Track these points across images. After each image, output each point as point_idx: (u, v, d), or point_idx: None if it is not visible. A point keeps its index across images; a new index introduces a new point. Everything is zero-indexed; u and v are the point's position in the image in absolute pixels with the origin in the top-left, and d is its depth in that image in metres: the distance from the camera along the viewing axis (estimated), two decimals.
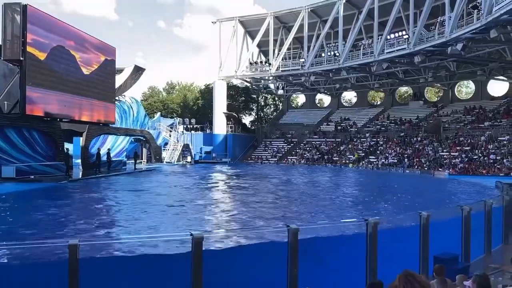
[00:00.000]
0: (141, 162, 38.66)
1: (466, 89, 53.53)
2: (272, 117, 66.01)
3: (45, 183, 20.91)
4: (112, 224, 11.68)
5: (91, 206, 14.85)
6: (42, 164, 22.87)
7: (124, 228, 11.00)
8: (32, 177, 21.44)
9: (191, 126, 50.82)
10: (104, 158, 28.17)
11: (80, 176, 25.06)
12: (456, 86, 49.67)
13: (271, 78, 51.26)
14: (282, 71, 48.16)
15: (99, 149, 27.89)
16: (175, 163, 41.43)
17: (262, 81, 54.73)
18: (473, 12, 28.09)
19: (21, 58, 21.35)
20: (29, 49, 21.64)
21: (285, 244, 5.08)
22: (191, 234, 4.51)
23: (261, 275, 5.52)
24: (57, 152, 24.22)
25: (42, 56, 22.80)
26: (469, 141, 36.27)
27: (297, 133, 52.28)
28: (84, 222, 11.40)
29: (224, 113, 50.71)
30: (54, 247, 4.83)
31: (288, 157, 47.64)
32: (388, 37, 37.02)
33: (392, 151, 40.78)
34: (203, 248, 4.52)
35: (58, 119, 25.08)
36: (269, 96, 67.19)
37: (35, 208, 13.57)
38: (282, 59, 48.25)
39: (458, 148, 35.77)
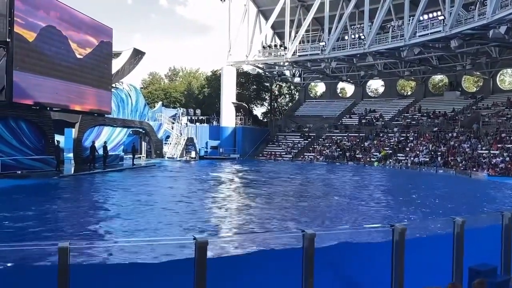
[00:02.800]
0: (140, 157, 38.95)
1: (509, 78, 52.91)
2: (287, 108, 65.96)
3: (33, 179, 21.18)
4: (106, 227, 11.80)
5: (83, 207, 15.00)
6: (30, 158, 23.16)
7: (119, 231, 11.12)
8: (19, 172, 21.73)
9: (196, 118, 50.97)
10: (100, 152, 28.46)
11: (72, 172, 25.34)
12: (498, 74, 49.02)
13: (286, 64, 51.11)
14: (299, 56, 47.97)
15: (93, 142, 28.13)
16: (178, 158, 41.66)
17: (277, 67, 54.60)
18: None
19: (7, 40, 21.58)
20: (16, 29, 21.87)
21: (300, 250, 5.08)
22: (194, 238, 4.52)
23: (273, 285, 5.54)
24: (47, 144, 24.49)
25: (31, 37, 23.02)
26: None
27: (316, 126, 52.11)
28: (73, 226, 11.54)
29: (233, 103, 50.75)
30: (40, 250, 4.90)
31: (305, 154, 47.57)
32: (421, 18, 36.59)
33: (424, 148, 40.46)
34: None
35: (48, 108, 25.36)
36: (284, 85, 67.12)
37: (20, 208, 13.75)
38: (300, 43, 48.06)
39: (499, 145, 35.35)
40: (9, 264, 4.66)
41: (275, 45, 51.42)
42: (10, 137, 22.57)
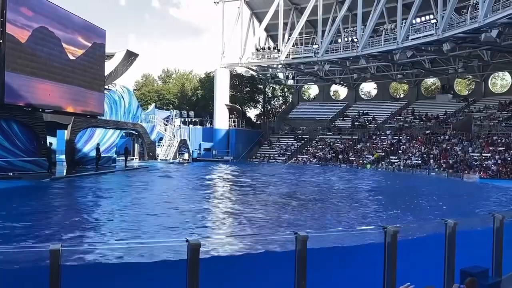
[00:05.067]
0: (133, 159, 38.81)
1: (501, 81, 53.24)
2: (280, 110, 65.99)
3: (25, 181, 21.04)
4: (97, 229, 11.75)
5: (73, 210, 14.93)
6: (21, 159, 23.01)
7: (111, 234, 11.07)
8: (11, 174, 21.58)
9: (189, 120, 50.90)
10: (93, 153, 28.43)
11: (64, 174, 25.21)
12: (490, 78, 49.39)
13: (280, 66, 51.16)
14: (292, 58, 48.03)
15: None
16: (171, 160, 41.54)
17: (270, 69, 54.66)
18: None
19: None
20: (8, 30, 21.73)
21: (292, 252, 5.08)
22: (187, 240, 4.51)
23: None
24: (39, 146, 24.35)
25: (23, 38, 22.89)
26: (503, 140, 36.07)
27: (309, 129, 52.21)
28: (64, 228, 11.48)
29: (226, 105, 50.73)
30: (31, 252, 4.86)
31: (298, 156, 47.62)
32: (414, 21, 36.79)
33: (416, 150, 40.64)
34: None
35: (40, 110, 25.20)
36: (277, 87, 67.19)
37: (11, 210, 13.66)
38: (293, 45, 48.13)
39: (491, 148, 35.60)
40: None
41: (269, 48, 51.49)
42: (1, 139, 22.40)
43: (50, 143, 25.65)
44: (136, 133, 38.92)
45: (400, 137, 44.39)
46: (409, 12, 36.56)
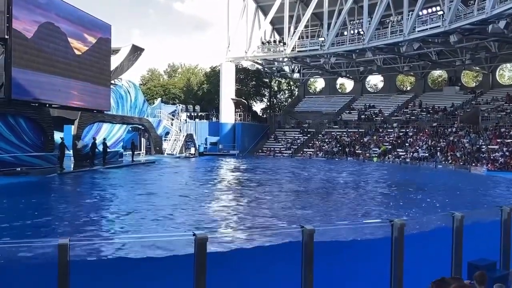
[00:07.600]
0: (140, 153, 38.92)
1: (509, 73, 52.94)
2: (286, 104, 65.92)
3: (33, 176, 21.16)
4: (106, 224, 11.82)
5: (83, 204, 15.00)
6: (29, 155, 23.12)
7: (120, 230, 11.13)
8: (18, 169, 21.70)
9: (195, 114, 50.95)
10: (100, 148, 28.56)
11: (72, 169, 25.32)
12: (498, 69, 49.02)
13: (285, 59, 51.01)
14: (298, 51, 47.91)
15: (94, 138, 28.30)
16: (177, 155, 41.65)
17: (276, 63, 54.51)
18: None
19: (6, 36, 21.48)
20: (14, 26, 21.78)
21: (300, 245, 5.08)
22: (194, 234, 4.53)
23: (273, 282, 5.56)
24: (46, 141, 24.44)
25: (29, 34, 22.93)
26: (511, 132, 35.84)
27: (315, 122, 52.11)
28: (73, 222, 11.55)
29: (232, 99, 50.71)
30: (39, 247, 4.89)
31: (304, 150, 47.57)
32: (420, 13, 36.53)
33: (423, 143, 40.48)
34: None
35: (47, 105, 25.29)
36: (283, 80, 67.07)
37: (21, 205, 13.76)
38: (299, 38, 47.97)
39: (498, 140, 35.38)
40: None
41: (274, 41, 51.35)
42: (9, 134, 22.50)
43: (62, 138, 25.64)
44: (143, 128, 39.00)
45: (407, 130, 44.23)
46: (415, 3, 36.29)
